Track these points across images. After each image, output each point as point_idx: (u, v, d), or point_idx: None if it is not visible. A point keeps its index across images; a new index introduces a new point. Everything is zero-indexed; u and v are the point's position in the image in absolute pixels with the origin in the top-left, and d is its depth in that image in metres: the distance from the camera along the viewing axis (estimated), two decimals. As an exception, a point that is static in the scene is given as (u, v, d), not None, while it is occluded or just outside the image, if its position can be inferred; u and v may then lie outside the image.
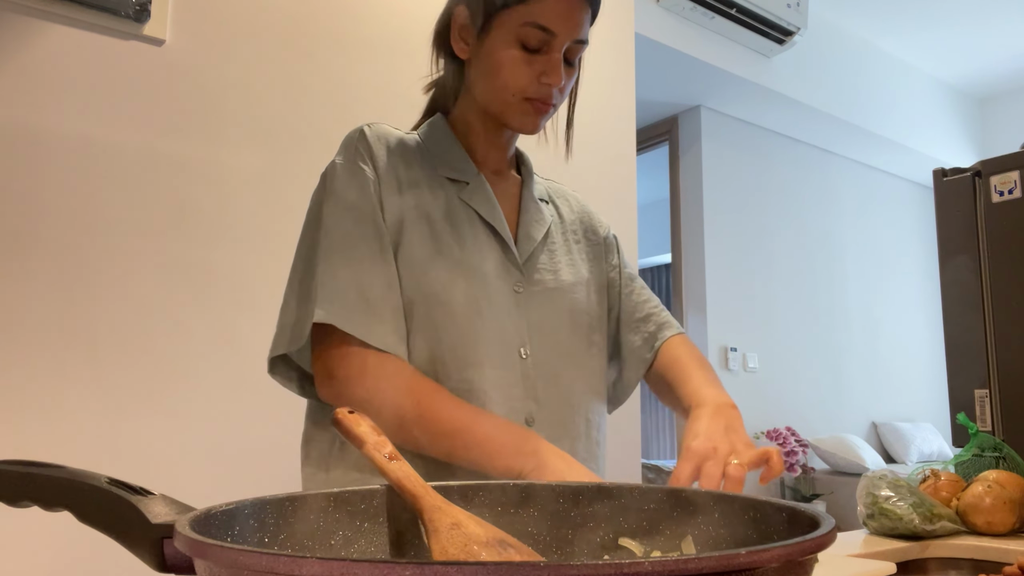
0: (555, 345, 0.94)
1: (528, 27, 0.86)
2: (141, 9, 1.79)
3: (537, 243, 0.97)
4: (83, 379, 1.67)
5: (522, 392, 0.89)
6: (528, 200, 1.00)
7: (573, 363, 0.96)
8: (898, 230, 5.59)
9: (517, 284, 0.92)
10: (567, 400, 0.94)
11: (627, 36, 2.91)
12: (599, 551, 0.53)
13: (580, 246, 1.05)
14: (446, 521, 0.46)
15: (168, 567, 0.42)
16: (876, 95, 4.92)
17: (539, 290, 0.94)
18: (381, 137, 0.93)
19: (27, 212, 1.65)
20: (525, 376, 0.90)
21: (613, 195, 2.76)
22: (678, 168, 4.52)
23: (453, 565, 0.27)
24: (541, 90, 0.89)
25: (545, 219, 1.01)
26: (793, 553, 0.33)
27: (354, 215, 0.86)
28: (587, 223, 1.10)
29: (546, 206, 1.04)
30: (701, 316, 4.29)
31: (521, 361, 0.90)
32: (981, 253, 1.52)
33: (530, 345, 0.91)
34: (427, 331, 0.86)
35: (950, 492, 1.15)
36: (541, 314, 0.93)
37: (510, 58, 0.87)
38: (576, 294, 0.98)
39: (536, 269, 0.95)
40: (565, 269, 0.99)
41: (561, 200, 1.09)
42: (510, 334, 0.90)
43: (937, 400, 5.51)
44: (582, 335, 0.98)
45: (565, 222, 1.06)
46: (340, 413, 0.55)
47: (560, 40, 0.88)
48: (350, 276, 0.83)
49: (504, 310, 0.90)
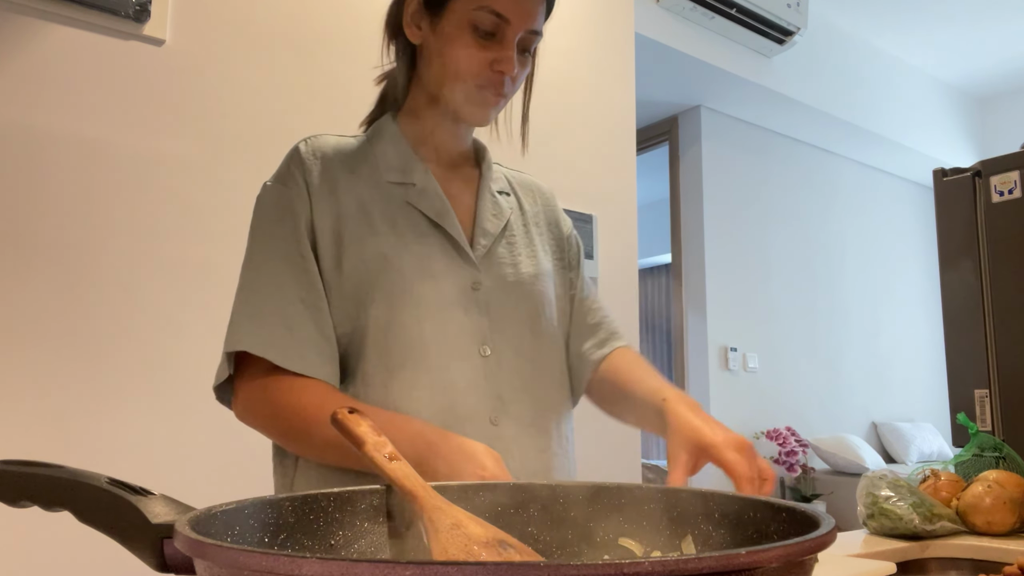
0: (518, 341, 0.92)
1: (482, 12, 0.85)
2: (141, 9, 1.79)
3: (495, 237, 0.95)
4: (83, 379, 1.67)
5: (485, 392, 0.87)
6: (485, 193, 0.98)
7: (538, 358, 0.94)
8: (898, 230, 5.59)
9: (474, 283, 0.90)
10: (534, 397, 0.92)
11: (627, 36, 2.91)
12: (599, 551, 0.53)
13: (543, 238, 1.03)
14: (446, 521, 0.46)
15: (168, 567, 0.42)
16: (876, 95, 4.92)
17: (499, 286, 0.92)
18: (317, 152, 0.91)
19: (27, 212, 1.65)
20: (488, 375, 0.88)
21: (613, 195, 2.76)
22: (678, 168, 4.52)
23: (453, 565, 0.27)
24: (493, 78, 0.88)
25: (503, 212, 0.98)
26: (793, 553, 0.33)
27: (275, 239, 0.86)
28: (551, 216, 1.07)
29: (506, 198, 1.01)
30: (701, 316, 4.29)
31: (483, 360, 0.88)
32: (981, 253, 1.52)
33: (491, 343, 0.89)
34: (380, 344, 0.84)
35: (950, 492, 1.15)
36: (503, 310, 0.91)
37: (463, 43, 0.86)
38: (538, 286, 0.96)
39: (494, 264, 0.93)
40: (526, 261, 0.96)
41: (525, 190, 1.06)
42: (468, 334, 0.88)
43: (937, 400, 5.51)
44: (546, 328, 0.96)
45: (527, 213, 1.03)
46: (340, 413, 0.55)
47: (514, 28, 0.86)
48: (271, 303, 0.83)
49: (461, 310, 0.88)
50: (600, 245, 2.69)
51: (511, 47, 0.87)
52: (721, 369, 4.28)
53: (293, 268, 0.84)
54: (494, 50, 0.87)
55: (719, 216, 4.41)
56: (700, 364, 4.27)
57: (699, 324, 4.30)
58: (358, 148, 0.94)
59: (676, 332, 4.44)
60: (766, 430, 4.31)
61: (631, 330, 2.77)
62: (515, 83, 0.91)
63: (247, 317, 0.82)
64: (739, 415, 4.30)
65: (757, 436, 4.32)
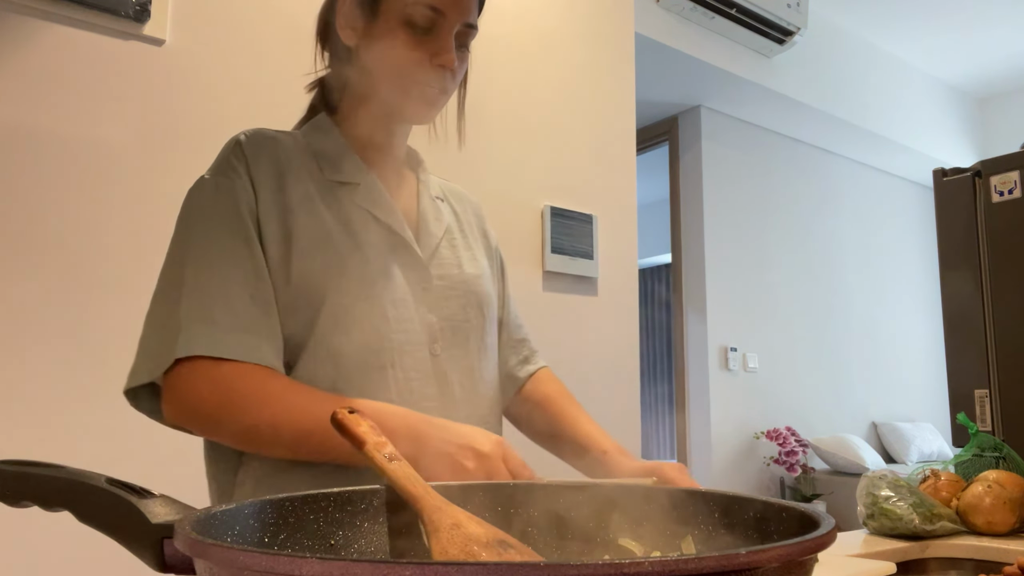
0: (466, 339, 0.92)
1: (417, 7, 0.84)
2: (141, 9, 1.79)
3: (439, 239, 0.95)
4: (83, 379, 1.67)
5: (437, 391, 0.87)
6: (425, 197, 0.98)
7: (484, 356, 0.95)
8: (898, 230, 5.59)
9: (423, 281, 0.90)
10: (483, 394, 0.93)
11: (627, 36, 2.91)
12: (599, 551, 0.53)
13: (478, 243, 1.03)
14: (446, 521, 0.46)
15: (168, 567, 0.43)
16: (876, 95, 4.92)
17: (446, 284, 0.92)
18: (259, 145, 0.88)
19: (27, 212, 1.65)
20: (439, 373, 0.88)
21: (613, 195, 2.76)
22: (678, 168, 4.52)
23: (453, 565, 0.28)
24: (433, 73, 0.87)
25: (443, 216, 0.98)
26: (793, 553, 0.33)
27: (220, 230, 0.82)
28: (481, 226, 1.08)
29: (442, 203, 1.02)
30: (701, 316, 4.29)
31: (434, 359, 0.88)
32: (981, 253, 1.52)
33: (441, 342, 0.89)
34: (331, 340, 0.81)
35: (950, 492, 1.15)
36: (451, 309, 0.91)
37: (400, 40, 0.85)
38: (480, 287, 0.96)
39: (439, 264, 0.93)
40: (468, 263, 0.97)
41: (455, 198, 1.06)
42: (420, 333, 0.87)
43: (937, 400, 5.51)
44: (489, 326, 0.97)
45: (461, 220, 1.03)
46: (340, 413, 0.55)
47: (449, 21, 0.86)
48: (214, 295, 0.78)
49: (412, 309, 0.87)
50: (600, 245, 2.69)
51: (448, 40, 0.87)
52: (721, 369, 4.28)
53: (240, 263, 0.81)
54: (431, 45, 0.86)
55: (719, 216, 4.41)
56: (700, 364, 4.27)
57: (699, 324, 4.30)
58: (298, 144, 0.91)
59: (676, 332, 4.44)
60: (766, 430, 4.31)
61: (631, 330, 2.77)
62: (455, 77, 0.90)
63: (198, 320, 0.77)
64: (739, 415, 4.30)
65: (757, 436, 4.32)
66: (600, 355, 2.65)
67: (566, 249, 2.58)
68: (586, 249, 2.63)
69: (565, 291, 2.61)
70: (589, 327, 2.64)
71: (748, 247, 4.54)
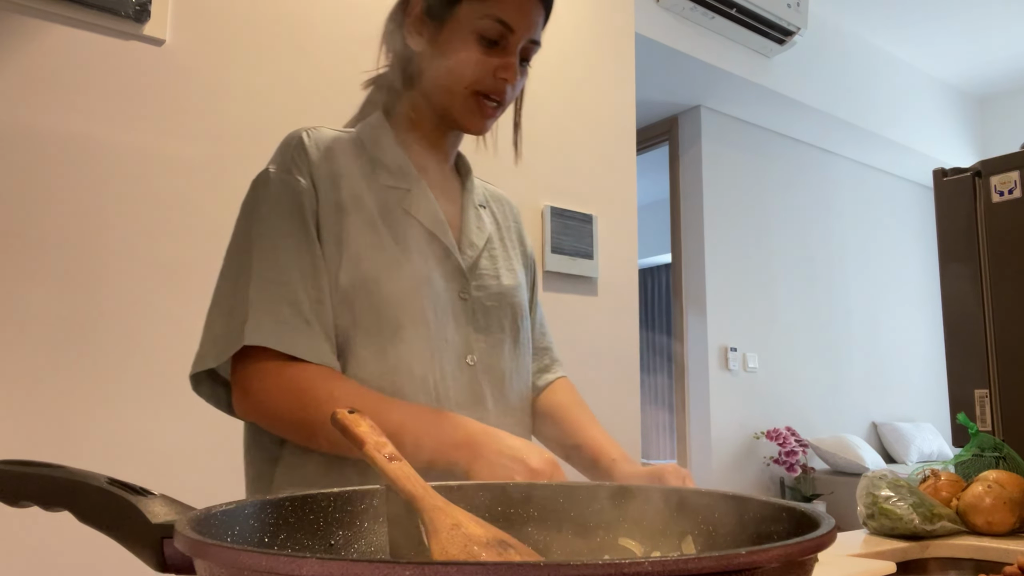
0: (499, 350, 0.94)
1: (488, 20, 0.86)
2: (141, 9, 1.79)
3: (480, 249, 0.97)
4: (83, 379, 1.67)
5: (470, 400, 0.89)
6: (469, 206, 0.99)
7: (515, 367, 0.97)
8: (898, 230, 5.59)
9: (462, 291, 0.92)
10: (513, 405, 0.95)
11: (627, 36, 2.91)
12: (599, 551, 0.53)
13: (516, 252, 1.06)
14: (446, 521, 0.46)
15: (168, 567, 0.42)
16: (876, 95, 4.92)
17: (484, 295, 0.94)
18: (320, 144, 0.90)
19: (27, 212, 1.65)
20: (472, 383, 0.90)
21: (613, 195, 2.76)
22: (678, 168, 4.52)
23: (453, 565, 0.28)
24: (495, 85, 0.89)
25: (485, 225, 1.00)
26: (793, 553, 0.33)
27: (285, 228, 0.84)
28: (519, 232, 1.10)
29: (485, 211, 1.03)
30: (701, 316, 4.29)
31: (468, 368, 0.90)
32: (981, 253, 1.52)
33: (476, 352, 0.91)
34: (375, 343, 0.84)
35: (950, 492, 1.15)
36: (486, 320, 0.94)
37: (467, 49, 0.87)
38: (516, 298, 0.98)
39: (479, 275, 0.95)
40: (505, 273, 0.99)
41: (497, 204, 1.08)
42: (457, 342, 0.89)
43: (937, 400, 5.51)
44: (521, 338, 0.99)
45: (502, 227, 1.05)
46: (340, 413, 0.55)
47: (517, 37, 0.88)
48: (280, 290, 0.82)
49: (451, 318, 0.89)
50: (600, 245, 2.69)
51: (514, 55, 0.89)
52: (721, 369, 4.28)
53: (303, 260, 0.84)
54: (497, 58, 0.88)
55: (719, 216, 4.41)
56: (700, 364, 4.27)
57: (699, 324, 4.30)
58: (354, 146, 0.93)
59: (676, 332, 4.44)
60: (766, 430, 4.31)
61: (631, 330, 2.77)
62: (514, 91, 0.92)
63: (265, 311, 0.80)
64: (739, 415, 4.30)
65: (757, 436, 4.32)
66: (600, 355, 2.65)
67: (566, 249, 2.58)
68: (586, 249, 2.63)
69: (565, 291, 2.61)
70: (589, 327, 2.64)
71: (748, 247, 4.54)
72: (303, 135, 0.91)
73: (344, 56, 2.11)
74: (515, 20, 0.87)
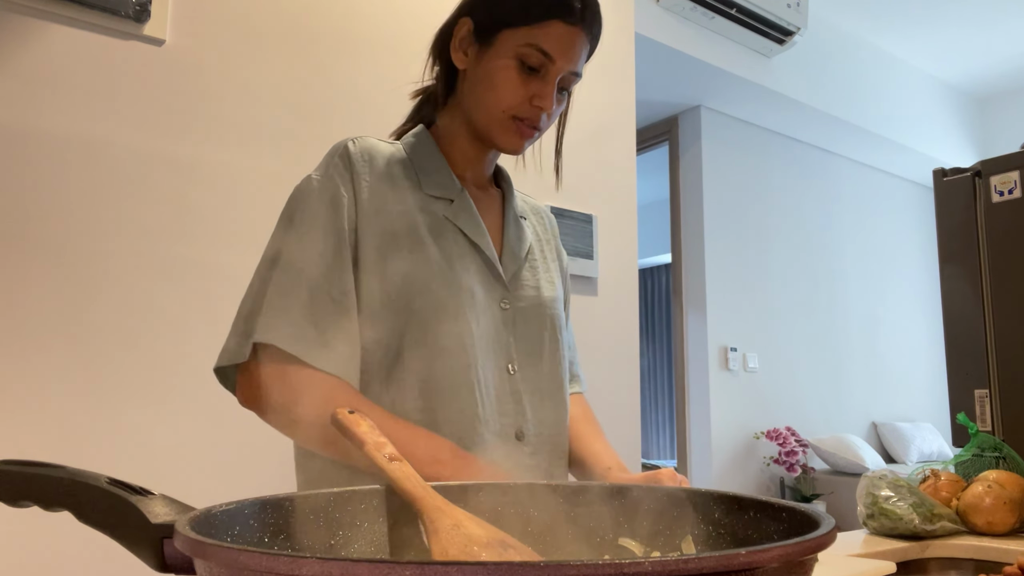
0: (539, 360, 0.96)
1: (530, 48, 0.88)
2: (141, 9, 1.79)
3: (521, 260, 0.99)
4: (83, 379, 1.67)
5: (512, 408, 0.91)
6: (511, 217, 1.02)
7: (554, 377, 0.99)
8: (898, 230, 5.59)
9: (503, 301, 0.94)
10: (552, 413, 0.97)
11: (627, 36, 2.91)
12: (599, 551, 0.53)
13: (554, 263, 1.08)
14: (446, 522, 0.46)
15: (168, 567, 0.42)
16: (876, 95, 4.92)
17: (524, 306, 0.96)
18: (365, 154, 0.92)
19: (27, 212, 1.65)
20: (514, 392, 0.92)
21: (613, 195, 2.76)
22: (678, 168, 4.52)
23: (453, 565, 0.28)
24: (531, 111, 0.91)
25: (526, 236, 1.03)
26: (793, 553, 0.33)
27: (321, 236, 0.86)
28: (556, 244, 1.13)
29: (525, 223, 1.06)
30: (701, 316, 4.29)
31: (510, 377, 0.92)
32: (981, 253, 1.52)
33: (517, 361, 0.93)
34: (420, 351, 0.86)
35: (950, 492, 1.15)
36: (527, 330, 0.96)
37: (507, 74, 0.90)
38: (555, 309, 1.01)
39: (520, 285, 0.97)
40: (545, 285, 1.01)
41: (536, 216, 1.11)
42: (499, 351, 0.92)
43: (937, 400, 5.51)
44: (559, 348, 1.01)
45: (541, 239, 1.08)
46: (340, 413, 0.55)
47: (557, 67, 0.90)
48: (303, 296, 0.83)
49: (493, 327, 0.92)
50: (600, 245, 2.69)
51: (552, 84, 0.91)
52: (721, 369, 4.28)
53: (328, 265, 0.85)
54: (535, 85, 0.90)
55: (719, 216, 4.41)
56: (700, 364, 4.27)
57: (699, 324, 4.30)
58: (399, 156, 0.95)
59: (676, 332, 4.44)
60: (766, 430, 4.31)
61: (631, 330, 2.77)
62: (550, 119, 0.94)
63: (277, 310, 0.82)
64: (739, 415, 4.30)
65: (757, 436, 4.32)
66: (600, 355, 2.65)
67: (566, 249, 2.57)
68: (586, 249, 2.63)
69: (565, 291, 2.61)
70: (589, 327, 2.64)
71: (748, 247, 4.54)
72: (348, 144, 0.93)
73: (344, 56, 2.11)
74: (556, 50, 0.89)
